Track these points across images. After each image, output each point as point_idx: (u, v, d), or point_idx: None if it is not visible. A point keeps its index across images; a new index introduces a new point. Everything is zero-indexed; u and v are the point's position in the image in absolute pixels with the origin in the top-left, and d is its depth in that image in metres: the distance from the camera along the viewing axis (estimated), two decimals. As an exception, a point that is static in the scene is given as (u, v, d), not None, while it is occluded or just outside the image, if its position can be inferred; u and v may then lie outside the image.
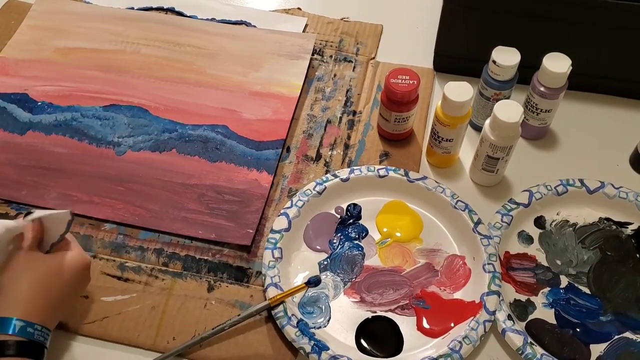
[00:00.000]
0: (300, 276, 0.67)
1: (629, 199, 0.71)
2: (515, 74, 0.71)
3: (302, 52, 0.86)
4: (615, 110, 0.81)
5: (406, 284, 0.66)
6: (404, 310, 0.65)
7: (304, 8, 0.93)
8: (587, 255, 0.68)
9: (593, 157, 0.77)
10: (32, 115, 0.79)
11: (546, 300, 0.65)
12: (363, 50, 0.87)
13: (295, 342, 0.60)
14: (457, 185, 0.74)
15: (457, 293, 0.66)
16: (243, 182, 0.73)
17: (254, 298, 0.65)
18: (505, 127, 0.66)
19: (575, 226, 0.70)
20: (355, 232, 0.70)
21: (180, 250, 0.69)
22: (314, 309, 0.64)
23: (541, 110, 0.74)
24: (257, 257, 0.68)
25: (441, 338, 0.62)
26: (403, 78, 0.71)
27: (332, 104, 0.82)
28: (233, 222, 0.70)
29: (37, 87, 0.81)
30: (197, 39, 0.88)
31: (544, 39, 0.74)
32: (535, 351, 0.60)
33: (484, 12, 0.76)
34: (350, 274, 0.67)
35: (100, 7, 0.91)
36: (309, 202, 0.71)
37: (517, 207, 0.70)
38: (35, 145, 0.76)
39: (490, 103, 0.73)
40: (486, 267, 0.65)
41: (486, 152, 0.69)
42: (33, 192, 0.72)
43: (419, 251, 0.69)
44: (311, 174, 0.75)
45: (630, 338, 0.63)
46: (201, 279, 0.67)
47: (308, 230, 0.70)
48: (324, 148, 0.77)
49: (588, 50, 0.74)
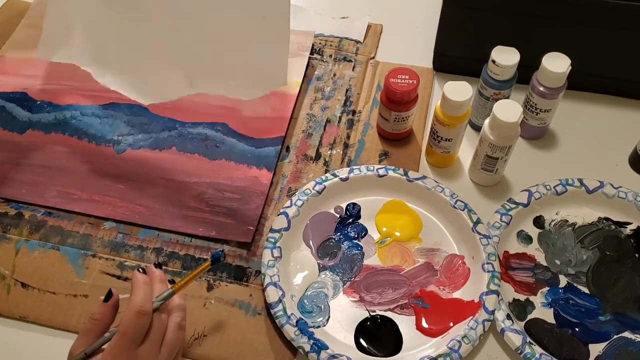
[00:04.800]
0: (300, 275, 0.67)
1: (628, 198, 0.71)
2: (514, 73, 0.71)
3: (301, 50, 0.86)
4: (615, 110, 0.81)
5: (405, 284, 0.66)
6: (403, 309, 0.65)
7: (304, 6, 0.93)
8: (586, 255, 0.68)
9: (592, 156, 0.77)
10: (31, 114, 0.79)
11: (545, 300, 0.65)
12: (363, 49, 0.88)
13: (295, 341, 0.60)
14: (456, 185, 0.74)
15: (456, 292, 0.66)
16: (243, 179, 0.73)
17: (253, 297, 0.65)
18: (504, 126, 0.66)
19: (575, 226, 0.71)
20: (355, 232, 0.70)
21: (180, 250, 0.69)
22: (313, 309, 0.65)
23: (540, 110, 0.74)
24: (257, 256, 0.68)
25: (440, 337, 0.63)
26: (403, 78, 0.71)
27: (332, 104, 0.82)
28: (233, 219, 0.70)
29: (36, 86, 0.82)
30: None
31: (543, 38, 0.74)
32: (534, 351, 0.60)
33: (484, 11, 0.76)
34: (349, 273, 0.67)
35: (100, 6, 0.91)
36: (309, 202, 0.71)
37: (516, 207, 0.70)
38: (34, 144, 0.76)
39: (490, 103, 0.73)
40: (485, 267, 0.65)
41: (485, 151, 0.69)
42: (33, 191, 0.72)
43: (418, 251, 0.69)
44: (310, 174, 0.75)
45: (629, 338, 0.63)
46: (200, 278, 0.67)
47: (307, 230, 0.70)
48: (324, 147, 0.77)
49: (587, 50, 0.74)
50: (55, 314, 0.64)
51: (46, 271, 0.67)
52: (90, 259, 0.68)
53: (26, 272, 0.67)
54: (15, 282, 0.66)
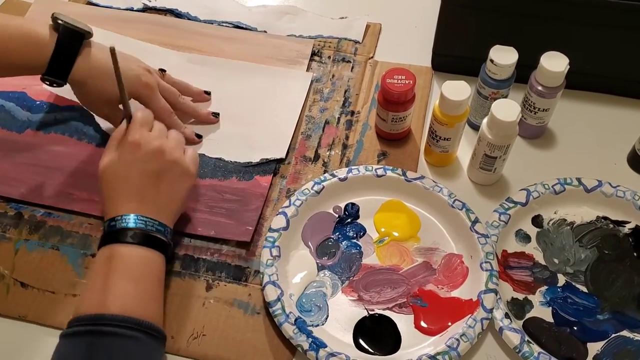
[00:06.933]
0: (299, 275, 0.67)
1: (626, 197, 0.71)
2: (512, 73, 0.72)
3: (300, 57, 0.86)
4: (613, 109, 0.81)
5: (404, 283, 0.67)
6: (402, 308, 0.65)
7: (303, 7, 0.93)
8: (584, 254, 0.68)
9: (590, 155, 0.77)
10: (30, 114, 0.79)
11: (543, 299, 0.65)
12: (361, 49, 0.88)
13: (293, 340, 0.61)
14: (454, 184, 0.74)
15: (454, 291, 0.66)
16: (243, 182, 0.74)
17: (252, 297, 0.65)
18: (502, 126, 0.66)
19: (573, 225, 0.71)
20: (353, 231, 0.70)
21: (179, 250, 0.69)
22: (312, 307, 0.65)
23: (539, 109, 0.74)
24: (256, 256, 0.68)
25: (439, 336, 0.63)
26: (399, 78, 0.71)
27: (330, 105, 0.82)
28: (232, 219, 0.70)
29: (35, 86, 0.82)
30: (195, 41, 0.88)
31: (541, 38, 0.74)
32: (533, 349, 0.60)
33: (482, 11, 0.76)
34: (348, 272, 0.67)
35: (99, 9, 0.92)
36: (307, 202, 0.71)
37: (514, 206, 0.70)
38: (34, 144, 0.77)
39: (488, 102, 0.73)
40: (483, 266, 0.65)
41: (484, 151, 0.69)
42: (32, 190, 0.72)
43: (416, 250, 0.69)
44: (309, 175, 0.75)
45: (627, 336, 0.63)
46: (199, 278, 0.67)
47: (306, 229, 0.70)
48: (322, 148, 0.77)
49: (586, 49, 0.74)
50: (55, 313, 0.64)
51: (45, 271, 0.67)
52: (90, 259, 0.68)
53: (25, 271, 0.67)
54: (14, 281, 0.66)
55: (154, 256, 0.60)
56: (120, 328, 0.54)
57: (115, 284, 0.57)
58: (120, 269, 0.58)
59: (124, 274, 0.58)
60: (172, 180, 0.64)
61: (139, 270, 0.59)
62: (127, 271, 0.58)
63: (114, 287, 0.56)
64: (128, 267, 0.58)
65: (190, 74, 0.82)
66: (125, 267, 0.58)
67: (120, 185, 0.62)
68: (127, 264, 0.58)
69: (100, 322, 0.54)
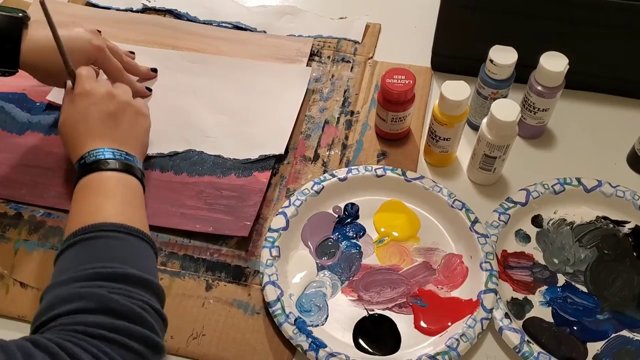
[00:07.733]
0: (298, 275, 0.67)
1: (625, 197, 0.71)
2: (512, 73, 0.72)
3: (300, 56, 0.86)
4: (613, 109, 0.81)
5: (403, 283, 0.67)
6: (402, 308, 0.65)
7: (302, 7, 0.93)
8: (584, 254, 0.68)
9: (590, 155, 0.77)
10: (30, 116, 0.79)
11: (543, 299, 0.65)
12: (361, 50, 0.88)
13: (293, 340, 0.61)
14: (454, 184, 0.74)
15: (454, 291, 0.66)
16: (241, 178, 0.74)
17: (252, 297, 0.66)
18: (502, 126, 0.66)
19: (573, 225, 0.71)
20: (353, 231, 0.70)
21: (179, 250, 0.69)
22: (311, 307, 0.65)
23: (538, 109, 0.74)
24: (255, 256, 0.68)
25: (438, 336, 0.63)
26: (399, 78, 0.71)
27: (330, 105, 0.82)
28: (231, 215, 0.70)
29: (35, 88, 0.82)
30: (194, 41, 0.88)
31: (541, 38, 0.74)
32: (532, 349, 0.60)
33: (482, 11, 0.76)
34: (348, 272, 0.67)
35: (98, 10, 0.92)
36: (307, 202, 0.71)
37: (514, 206, 0.70)
38: (33, 145, 0.77)
39: (488, 102, 0.73)
40: (483, 266, 0.65)
41: (483, 151, 0.69)
42: (32, 191, 0.72)
43: (416, 250, 0.69)
44: (309, 174, 0.75)
45: (627, 336, 0.63)
46: (199, 278, 0.67)
47: (306, 229, 0.70)
48: (322, 148, 0.77)
49: (585, 49, 0.74)
50: (54, 314, 0.64)
51: (45, 271, 0.67)
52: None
53: (25, 271, 0.67)
54: (14, 281, 0.66)
55: (131, 179, 0.63)
56: (116, 232, 0.55)
57: (101, 202, 0.59)
58: (103, 190, 0.60)
59: (107, 194, 0.60)
60: (129, 119, 0.67)
61: (121, 190, 0.61)
62: (110, 191, 0.60)
63: (101, 204, 0.58)
64: (109, 189, 0.60)
65: (191, 73, 0.82)
66: (106, 189, 0.60)
67: (80, 128, 0.64)
68: (107, 186, 0.60)
69: (94, 229, 0.55)
